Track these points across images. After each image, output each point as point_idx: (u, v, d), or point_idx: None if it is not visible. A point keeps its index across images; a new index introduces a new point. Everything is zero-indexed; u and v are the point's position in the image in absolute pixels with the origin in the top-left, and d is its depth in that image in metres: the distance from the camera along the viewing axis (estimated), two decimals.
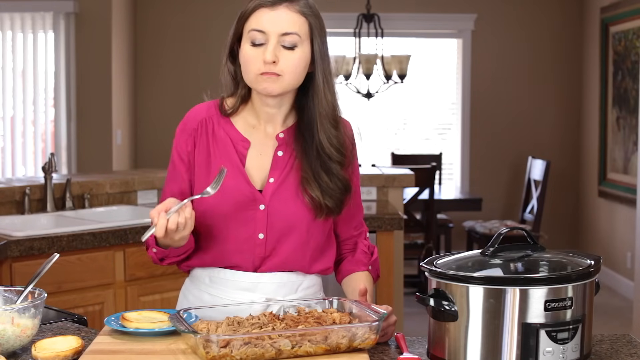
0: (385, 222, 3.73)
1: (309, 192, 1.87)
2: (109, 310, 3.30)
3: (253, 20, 1.82)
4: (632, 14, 6.34)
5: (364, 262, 2.02)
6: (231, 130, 1.91)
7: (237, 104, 1.92)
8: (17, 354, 1.67)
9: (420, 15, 7.40)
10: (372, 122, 7.62)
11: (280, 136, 1.92)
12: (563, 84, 7.48)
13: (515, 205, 7.43)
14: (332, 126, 1.89)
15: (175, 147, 1.94)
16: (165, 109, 7.25)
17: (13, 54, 6.44)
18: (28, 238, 3.09)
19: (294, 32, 1.81)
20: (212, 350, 1.54)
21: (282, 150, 1.91)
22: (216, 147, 1.90)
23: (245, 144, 1.90)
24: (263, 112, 1.91)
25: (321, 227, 1.93)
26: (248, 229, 1.87)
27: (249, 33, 1.82)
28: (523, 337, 1.52)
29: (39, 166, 6.41)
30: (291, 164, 1.90)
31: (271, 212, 1.87)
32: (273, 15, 1.80)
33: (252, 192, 1.87)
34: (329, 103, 1.88)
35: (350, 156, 1.94)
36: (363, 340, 1.62)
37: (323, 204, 1.87)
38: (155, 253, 1.88)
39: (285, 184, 1.89)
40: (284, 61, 1.81)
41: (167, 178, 1.97)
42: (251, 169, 1.90)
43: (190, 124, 1.93)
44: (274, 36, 1.80)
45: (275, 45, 1.80)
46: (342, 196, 1.90)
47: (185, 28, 7.24)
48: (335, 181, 1.88)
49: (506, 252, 1.66)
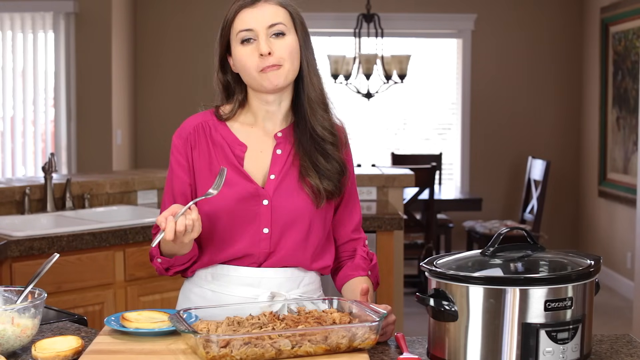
0: (385, 222, 3.73)
1: (309, 181, 1.91)
2: (109, 310, 3.30)
3: (238, 23, 1.88)
4: (632, 14, 6.34)
5: (363, 267, 2.03)
6: (228, 135, 1.94)
7: (235, 108, 1.96)
8: (17, 354, 1.67)
9: (420, 15, 7.40)
10: (372, 122, 7.62)
11: (278, 135, 1.95)
12: (563, 84, 7.48)
13: (515, 205, 7.43)
14: (322, 109, 1.95)
15: (172, 153, 1.96)
16: (165, 109, 7.25)
17: (13, 54, 6.45)
18: (28, 238, 3.09)
19: (279, 22, 1.87)
20: (212, 350, 1.54)
21: (280, 148, 1.94)
22: (215, 151, 1.93)
23: (242, 147, 1.93)
24: (263, 111, 1.94)
25: (322, 221, 1.95)
26: (253, 225, 1.89)
27: (237, 35, 1.87)
28: (523, 337, 1.52)
29: (39, 166, 6.41)
30: (291, 160, 1.93)
31: (275, 206, 1.90)
32: (255, 12, 1.87)
33: (255, 188, 1.90)
34: (315, 87, 1.94)
35: (344, 151, 1.98)
36: (363, 340, 1.62)
37: (322, 189, 1.90)
38: (160, 263, 1.91)
39: (286, 179, 1.92)
40: (278, 50, 1.86)
41: (166, 186, 1.98)
42: (251, 168, 1.93)
43: (186, 129, 1.95)
44: (262, 30, 1.86)
45: (266, 38, 1.85)
46: (339, 176, 1.94)
47: (185, 28, 7.24)
48: (332, 162, 1.93)
49: (506, 252, 1.66)
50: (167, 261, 1.90)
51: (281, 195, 1.90)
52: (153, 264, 1.92)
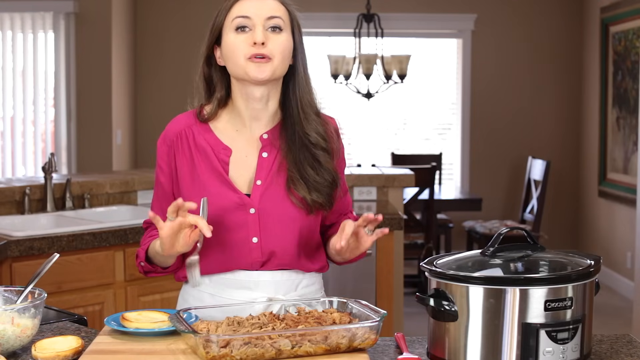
0: (385, 222, 3.73)
1: (296, 192, 1.86)
2: (109, 310, 3.30)
3: (236, 9, 1.86)
4: (632, 14, 6.34)
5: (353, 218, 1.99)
6: (211, 139, 1.91)
7: (214, 108, 1.92)
8: (17, 354, 1.67)
9: (420, 15, 7.40)
10: (372, 122, 7.62)
11: (264, 137, 1.91)
12: (563, 84, 7.48)
13: (515, 205, 7.43)
14: (315, 114, 1.92)
15: (157, 158, 1.96)
16: (165, 109, 7.25)
17: (13, 54, 6.44)
18: (28, 238, 3.09)
19: (278, 16, 1.85)
20: (212, 350, 1.54)
21: (266, 151, 1.91)
22: (199, 156, 1.90)
23: (227, 151, 1.90)
24: (249, 109, 1.90)
25: (313, 224, 1.92)
26: (241, 234, 1.86)
27: (233, 21, 1.85)
28: (523, 337, 1.52)
29: (39, 166, 6.41)
30: (277, 165, 1.89)
31: (262, 214, 1.87)
32: (257, 2, 1.86)
33: (240, 198, 1.86)
34: (310, 92, 1.92)
35: (336, 148, 1.95)
36: (363, 340, 1.62)
37: (310, 202, 1.87)
38: (142, 266, 1.93)
39: (273, 186, 1.88)
40: (272, 44, 1.83)
41: (154, 192, 1.99)
42: (236, 173, 1.89)
43: (169, 136, 1.93)
44: (260, 20, 1.84)
45: (263, 30, 1.83)
46: (330, 190, 1.90)
47: (185, 28, 7.24)
48: (322, 174, 1.88)
49: (506, 252, 1.66)
50: (148, 266, 1.92)
51: (268, 203, 1.87)
52: (136, 263, 1.95)
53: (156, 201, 1.97)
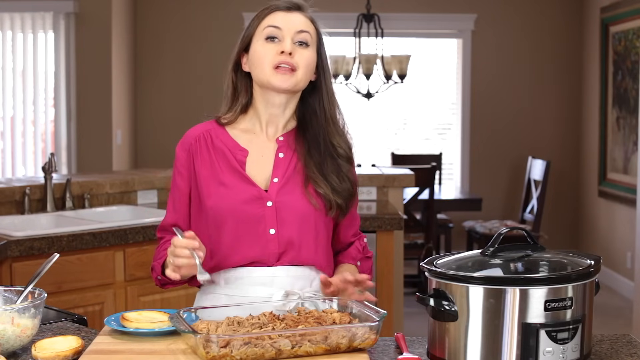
0: (385, 222, 3.73)
1: (317, 189, 1.93)
2: (109, 310, 3.30)
3: (269, 19, 1.96)
4: (632, 14, 6.34)
5: (353, 257, 2.06)
6: (228, 141, 1.98)
7: (237, 112, 2.00)
8: (17, 354, 1.67)
9: (420, 15, 7.40)
10: (372, 122, 7.62)
11: (280, 139, 1.99)
12: (563, 84, 7.48)
13: (515, 205, 7.43)
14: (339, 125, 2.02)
15: (175, 164, 2.02)
16: (165, 109, 7.25)
17: (13, 54, 6.45)
18: (28, 238, 3.09)
19: (307, 31, 1.96)
20: (212, 350, 1.54)
21: (283, 152, 1.98)
22: (217, 157, 1.97)
23: (244, 152, 1.97)
24: (267, 114, 1.98)
25: (328, 225, 1.98)
26: (259, 227, 1.91)
27: (264, 30, 1.94)
28: (523, 337, 1.52)
29: (39, 166, 6.41)
30: (293, 166, 1.96)
31: (279, 207, 1.92)
32: (289, 16, 1.97)
33: (257, 191, 1.93)
34: (335, 106, 2.02)
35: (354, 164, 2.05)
36: (363, 340, 1.62)
37: (333, 201, 1.94)
38: (159, 280, 2.00)
39: (290, 183, 1.95)
40: (298, 56, 1.92)
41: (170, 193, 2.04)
42: (253, 171, 1.96)
43: (188, 140, 2.01)
44: (289, 33, 1.94)
45: (291, 42, 1.93)
46: (348, 196, 1.98)
47: (185, 28, 7.24)
48: (345, 181, 1.97)
49: (506, 252, 1.66)
50: (165, 279, 1.97)
51: (285, 197, 1.93)
52: (153, 276, 2.01)
53: (171, 202, 2.03)
